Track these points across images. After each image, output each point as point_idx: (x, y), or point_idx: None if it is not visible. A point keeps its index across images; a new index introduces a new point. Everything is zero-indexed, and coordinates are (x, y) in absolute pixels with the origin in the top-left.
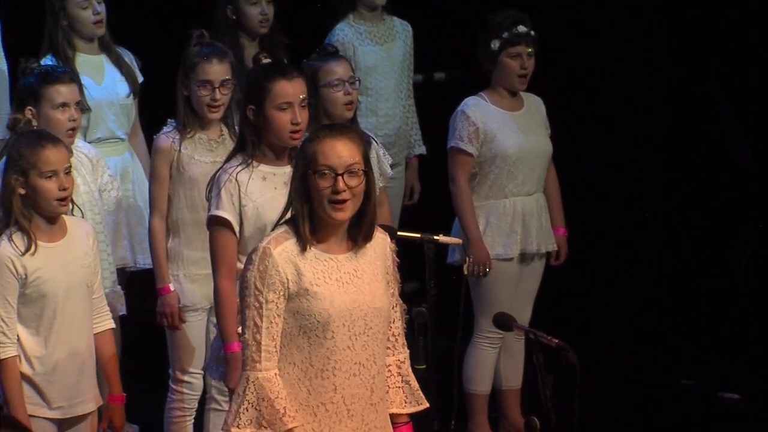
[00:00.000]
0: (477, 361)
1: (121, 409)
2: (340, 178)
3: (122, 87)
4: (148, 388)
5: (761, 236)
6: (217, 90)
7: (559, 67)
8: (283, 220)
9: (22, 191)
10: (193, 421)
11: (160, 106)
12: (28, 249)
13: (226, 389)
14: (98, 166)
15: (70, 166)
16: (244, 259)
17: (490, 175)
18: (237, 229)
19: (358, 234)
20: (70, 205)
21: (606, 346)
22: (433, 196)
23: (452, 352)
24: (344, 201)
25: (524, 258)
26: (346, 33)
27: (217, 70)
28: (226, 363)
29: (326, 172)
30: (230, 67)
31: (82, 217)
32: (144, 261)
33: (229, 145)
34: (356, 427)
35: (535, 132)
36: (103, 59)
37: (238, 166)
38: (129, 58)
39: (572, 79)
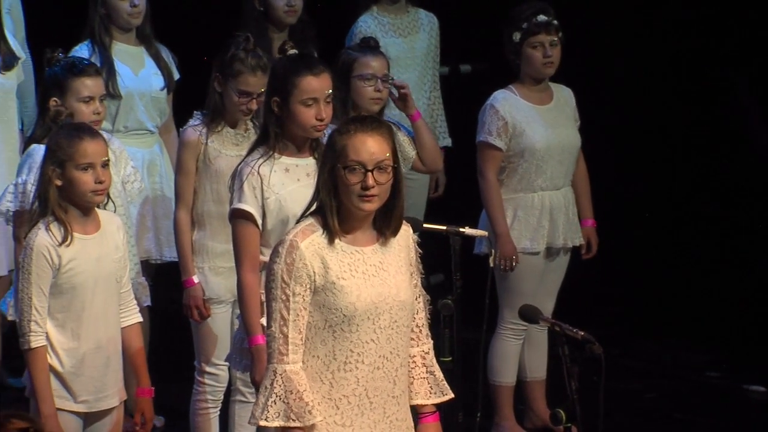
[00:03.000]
0: (501, 352)
1: (150, 403)
2: (370, 174)
3: (157, 80)
4: (174, 379)
5: None
6: (254, 101)
7: (585, 58)
8: (308, 212)
9: (58, 182)
10: (218, 413)
11: (192, 101)
12: (64, 239)
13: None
14: (121, 158)
15: (108, 160)
16: (267, 251)
17: (518, 169)
18: (260, 221)
19: (386, 227)
20: (105, 198)
21: (631, 339)
22: (459, 188)
23: (478, 344)
24: (373, 195)
25: (550, 252)
26: (368, 24)
27: (258, 83)
28: (250, 355)
29: (356, 167)
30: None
31: (114, 211)
32: (170, 254)
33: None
34: (378, 420)
35: (564, 125)
36: (142, 51)
37: (259, 158)
38: (166, 53)
39: (597, 70)
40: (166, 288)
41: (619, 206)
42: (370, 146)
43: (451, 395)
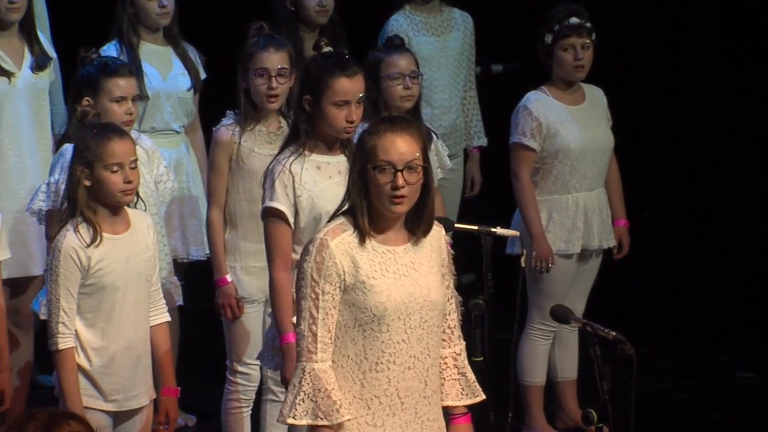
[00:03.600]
0: (530, 352)
1: (175, 402)
2: (399, 174)
3: (184, 80)
4: (206, 379)
5: None
6: (273, 78)
7: (616, 57)
8: (340, 211)
9: (87, 183)
10: (250, 412)
11: (219, 101)
12: (93, 240)
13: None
14: (154, 158)
15: (136, 160)
16: (299, 249)
17: (552, 170)
18: (291, 220)
19: (417, 227)
20: (135, 198)
21: (662, 339)
22: (491, 187)
23: (509, 344)
24: (403, 196)
25: (584, 254)
26: (400, 23)
27: (274, 59)
28: (281, 353)
29: (386, 167)
30: (288, 57)
31: (145, 211)
32: (197, 253)
33: None
34: (409, 420)
35: (597, 125)
36: (169, 51)
37: (290, 156)
38: (193, 53)
39: (629, 69)
40: (198, 287)
41: (650, 206)
42: (400, 146)
43: (483, 397)
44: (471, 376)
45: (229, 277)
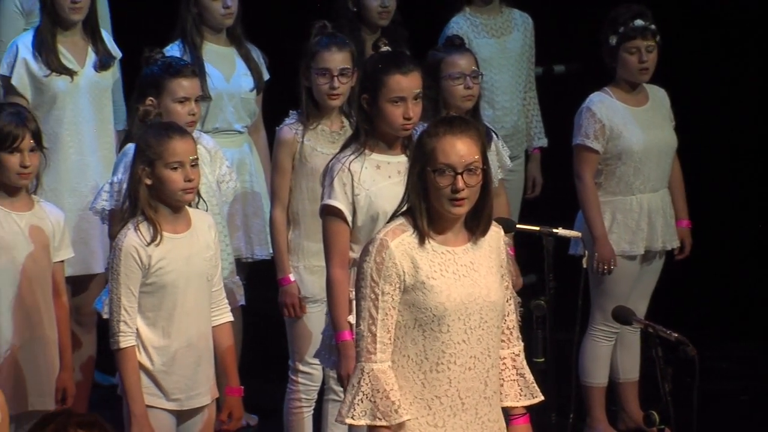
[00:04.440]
0: (592, 353)
1: (239, 401)
2: (459, 177)
3: (247, 81)
4: (269, 378)
5: None
6: (335, 78)
7: (680, 58)
8: (399, 212)
9: (148, 181)
10: (312, 412)
11: (282, 100)
12: (153, 239)
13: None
14: (216, 158)
15: (197, 159)
16: (356, 247)
17: (616, 171)
18: (350, 218)
19: (476, 228)
20: (196, 198)
21: (725, 340)
22: (553, 188)
23: (571, 345)
24: (463, 198)
25: (647, 255)
26: (460, 25)
27: (336, 58)
28: (337, 351)
29: (445, 170)
30: (350, 56)
31: (206, 210)
32: (260, 253)
33: None
34: (470, 420)
35: (660, 126)
36: (233, 52)
37: (351, 155)
38: (257, 54)
39: (696, 70)
40: (261, 287)
41: (713, 207)
42: (459, 149)
43: (541, 398)
44: (530, 376)
45: (292, 277)
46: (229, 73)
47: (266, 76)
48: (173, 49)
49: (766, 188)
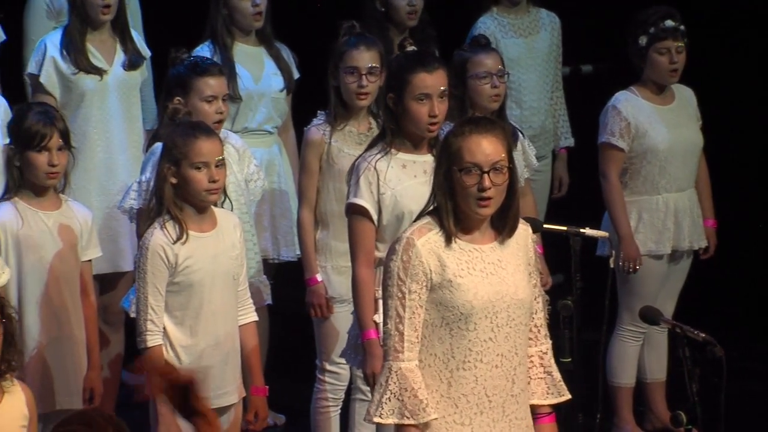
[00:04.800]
0: (620, 353)
1: (264, 401)
2: (486, 175)
3: (277, 81)
4: (296, 378)
5: None
6: (363, 77)
7: (706, 57)
8: (425, 211)
9: (173, 180)
10: (339, 411)
11: (311, 100)
12: (179, 238)
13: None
14: (244, 157)
15: (223, 159)
16: (382, 246)
17: (641, 170)
18: (375, 217)
19: (503, 227)
20: (222, 197)
21: (753, 340)
22: (580, 188)
23: (598, 345)
24: (489, 198)
25: (674, 255)
26: (488, 25)
27: (364, 57)
28: (363, 350)
29: (472, 169)
30: (378, 56)
31: (231, 209)
32: (287, 254)
33: None
34: (497, 419)
35: (686, 126)
36: (262, 51)
37: (377, 154)
38: (287, 53)
39: (723, 70)
40: (288, 287)
41: (740, 206)
42: (485, 147)
43: (569, 396)
44: (557, 375)
45: (319, 277)
46: (259, 74)
47: (296, 76)
48: (203, 50)
49: None
